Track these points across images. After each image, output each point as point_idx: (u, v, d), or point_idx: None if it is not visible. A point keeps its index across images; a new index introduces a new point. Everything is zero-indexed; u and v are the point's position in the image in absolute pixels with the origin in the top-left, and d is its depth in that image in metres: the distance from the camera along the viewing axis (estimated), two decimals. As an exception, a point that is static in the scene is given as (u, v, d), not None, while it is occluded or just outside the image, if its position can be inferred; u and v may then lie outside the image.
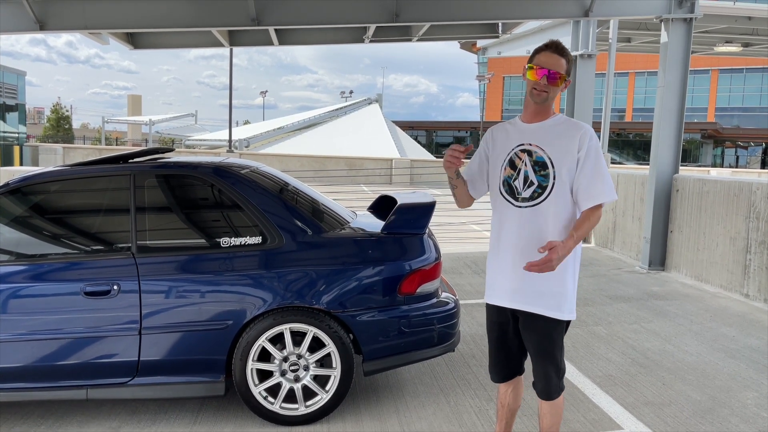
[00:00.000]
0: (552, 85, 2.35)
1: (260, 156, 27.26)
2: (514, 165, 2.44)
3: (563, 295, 2.41)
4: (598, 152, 2.38)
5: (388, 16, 7.69)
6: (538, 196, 2.39)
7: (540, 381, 2.51)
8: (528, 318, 2.45)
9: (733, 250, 6.32)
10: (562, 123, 2.43)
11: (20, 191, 3.40)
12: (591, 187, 2.35)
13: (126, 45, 9.87)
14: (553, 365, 2.47)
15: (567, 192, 2.38)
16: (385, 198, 4.22)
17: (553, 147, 2.39)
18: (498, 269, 2.50)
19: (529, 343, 2.50)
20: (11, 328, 3.15)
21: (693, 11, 7.40)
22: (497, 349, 2.62)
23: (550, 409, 2.54)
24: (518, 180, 2.42)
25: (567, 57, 2.37)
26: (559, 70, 2.34)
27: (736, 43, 13.03)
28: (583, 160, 2.36)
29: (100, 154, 23.05)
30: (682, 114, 7.47)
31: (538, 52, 2.38)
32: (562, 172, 2.37)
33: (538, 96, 2.38)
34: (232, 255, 3.27)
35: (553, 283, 2.39)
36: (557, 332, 2.45)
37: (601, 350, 4.60)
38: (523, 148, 2.43)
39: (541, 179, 2.38)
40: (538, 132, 2.43)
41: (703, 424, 3.40)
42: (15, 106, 30.99)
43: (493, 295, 2.53)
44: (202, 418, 3.43)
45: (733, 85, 48.74)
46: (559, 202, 2.37)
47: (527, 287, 2.41)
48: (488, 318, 2.62)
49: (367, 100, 47.38)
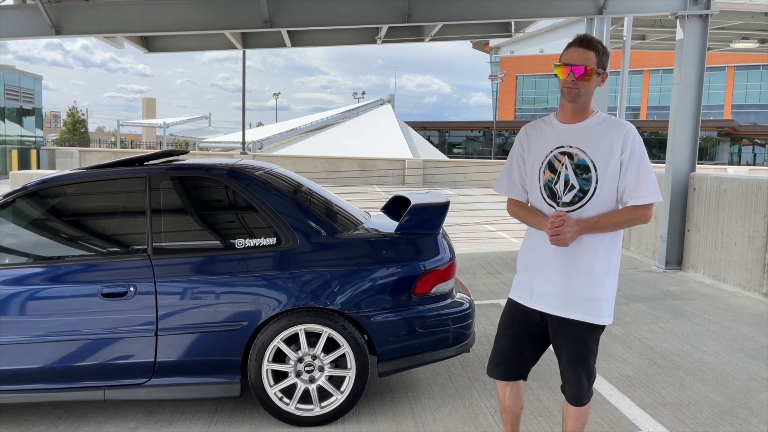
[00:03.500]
0: (582, 81, 2.25)
1: (273, 157, 27.38)
2: (554, 168, 2.34)
3: (602, 299, 2.34)
4: (642, 152, 2.29)
5: (401, 16, 7.69)
6: (579, 200, 2.30)
7: (571, 386, 2.44)
8: (563, 323, 2.38)
9: (752, 248, 6.23)
10: (603, 122, 2.33)
11: (38, 194, 3.43)
12: (638, 188, 2.27)
13: (140, 48, 9.97)
14: (586, 371, 2.41)
15: (609, 195, 2.30)
16: (399, 198, 4.22)
17: (596, 149, 2.29)
18: (536, 272, 2.41)
19: (561, 348, 2.42)
20: (30, 329, 3.18)
21: (709, 7, 7.32)
22: (510, 346, 2.50)
23: (576, 414, 2.48)
24: (559, 184, 2.33)
25: (597, 49, 2.26)
26: (587, 64, 2.24)
27: (752, 40, 12.87)
28: (627, 162, 2.27)
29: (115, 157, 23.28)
30: (698, 112, 7.39)
31: (567, 48, 2.30)
32: (606, 175, 2.28)
33: (569, 94, 2.29)
34: (246, 256, 3.28)
35: (594, 289, 2.32)
36: (593, 338, 2.39)
37: (618, 351, 4.55)
38: (562, 151, 2.33)
39: (583, 183, 2.30)
40: (578, 133, 2.33)
41: (723, 425, 3.36)
42: (32, 110, 31.35)
43: (525, 296, 2.44)
44: (218, 418, 3.44)
45: (749, 82, 48.17)
46: (600, 206, 2.29)
47: (569, 293, 2.33)
48: (508, 313, 2.52)
49: (380, 101, 47.40)
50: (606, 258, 2.34)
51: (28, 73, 31.46)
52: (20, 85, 30.18)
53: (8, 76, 29.53)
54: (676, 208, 7.43)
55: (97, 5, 7.87)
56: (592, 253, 2.32)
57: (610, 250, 2.35)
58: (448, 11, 7.71)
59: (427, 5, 7.67)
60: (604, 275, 2.34)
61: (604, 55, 2.29)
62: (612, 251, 2.36)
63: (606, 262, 2.34)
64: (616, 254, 2.39)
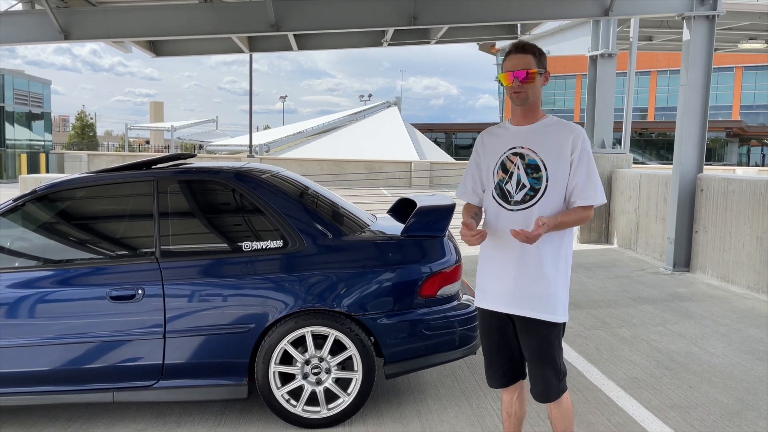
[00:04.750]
0: (527, 84, 2.33)
1: (280, 160, 27.44)
2: (506, 168, 2.42)
3: (555, 297, 2.39)
4: (590, 155, 2.38)
5: (406, 19, 7.70)
6: (530, 199, 2.36)
7: (537, 384, 2.47)
8: (525, 322, 2.43)
9: (760, 250, 6.20)
10: (554, 125, 2.41)
11: (47, 198, 3.47)
12: (586, 189, 2.35)
13: (148, 53, 10.03)
14: (552, 368, 2.44)
15: (558, 194, 2.36)
16: (405, 201, 4.23)
17: (546, 150, 2.37)
18: (491, 273, 2.47)
19: (527, 347, 2.47)
20: (40, 332, 3.21)
21: (715, 8, 7.30)
22: (497, 352, 2.55)
23: (559, 413, 2.51)
24: (510, 183, 2.40)
25: (533, 52, 2.35)
26: (528, 68, 2.32)
27: (760, 40, 12.79)
28: (576, 163, 2.35)
29: (123, 160, 23.42)
30: (705, 112, 7.37)
31: (505, 58, 2.38)
32: (555, 174, 2.35)
33: (518, 98, 2.36)
34: (253, 259, 3.30)
35: (544, 286, 2.37)
36: (554, 335, 2.42)
37: (625, 353, 4.54)
38: (515, 152, 2.41)
39: (534, 182, 2.36)
40: (529, 134, 2.41)
41: (730, 427, 3.34)
42: (41, 115, 31.58)
43: (487, 300, 2.50)
44: (226, 420, 3.46)
45: (758, 82, 47.85)
46: (550, 205, 2.35)
47: (520, 291, 2.39)
48: (483, 323, 2.57)
49: (386, 104, 47.46)
50: (554, 255, 2.39)
51: (36, 77, 31.70)
52: (29, 90, 30.41)
53: (17, 80, 29.77)
54: (683, 210, 7.41)
55: (106, 10, 7.93)
56: (541, 250, 2.36)
57: (558, 247, 2.39)
58: (454, 13, 7.72)
59: (432, 8, 7.68)
60: (554, 272, 2.38)
61: (541, 55, 2.38)
62: (560, 248, 2.40)
63: (555, 259, 2.39)
64: (565, 251, 2.42)
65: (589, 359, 4.38)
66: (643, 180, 8.64)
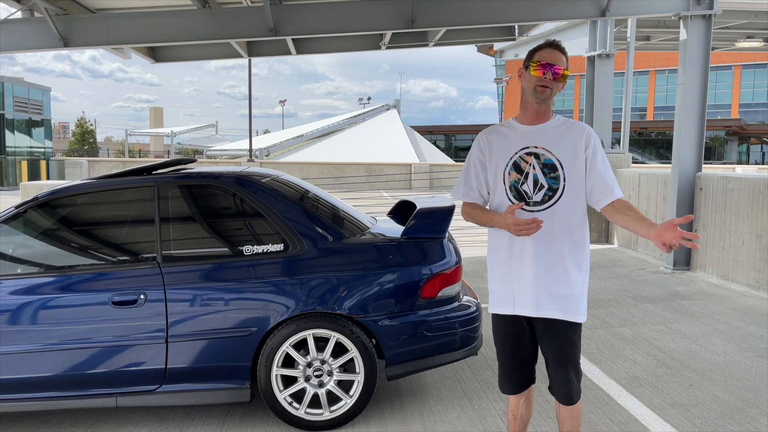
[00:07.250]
0: (556, 81, 2.32)
1: (280, 164, 27.48)
2: (519, 169, 2.38)
3: (580, 297, 2.39)
4: (602, 150, 2.41)
5: (404, 22, 7.73)
6: (549, 198, 2.35)
7: (562, 387, 2.45)
8: (549, 324, 2.40)
9: (760, 248, 6.22)
10: (564, 124, 2.42)
11: (48, 204, 3.48)
12: (606, 183, 2.36)
13: (147, 59, 10.06)
14: (575, 369, 2.44)
15: (577, 192, 2.36)
16: (405, 203, 4.25)
17: (561, 148, 2.36)
18: (513, 278, 2.42)
19: (550, 350, 2.44)
20: (43, 338, 3.23)
21: (712, 8, 7.32)
22: (511, 360, 2.53)
23: (570, 413, 2.50)
24: (527, 184, 2.37)
25: (566, 54, 2.36)
26: (563, 65, 2.32)
27: (757, 39, 12.81)
28: (591, 159, 2.36)
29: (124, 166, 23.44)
30: (703, 111, 7.39)
31: (539, 50, 2.35)
32: (572, 173, 2.35)
33: (542, 93, 2.33)
34: (254, 263, 3.32)
35: (570, 288, 2.36)
36: (577, 336, 2.42)
37: (626, 351, 4.56)
38: (528, 151, 2.38)
39: (552, 182, 2.35)
40: (542, 134, 2.39)
41: (732, 424, 3.36)
42: (41, 122, 31.62)
43: (507, 304, 2.45)
44: (229, 423, 3.47)
45: (756, 80, 47.89)
46: (570, 203, 2.36)
47: (547, 293, 2.37)
48: (499, 329, 2.53)
49: (385, 106, 47.54)
50: (579, 257, 2.39)
51: (36, 84, 31.75)
52: (29, 97, 30.46)
53: (17, 88, 29.82)
54: (683, 209, 7.42)
55: (105, 17, 7.96)
56: (565, 252, 2.36)
57: (582, 248, 2.39)
58: (452, 16, 7.75)
59: (430, 10, 7.71)
60: (578, 273, 2.38)
61: (568, 61, 2.38)
62: (583, 250, 2.40)
63: (579, 260, 2.39)
64: (587, 253, 2.43)
65: (591, 358, 4.39)
66: (642, 179, 8.66)
